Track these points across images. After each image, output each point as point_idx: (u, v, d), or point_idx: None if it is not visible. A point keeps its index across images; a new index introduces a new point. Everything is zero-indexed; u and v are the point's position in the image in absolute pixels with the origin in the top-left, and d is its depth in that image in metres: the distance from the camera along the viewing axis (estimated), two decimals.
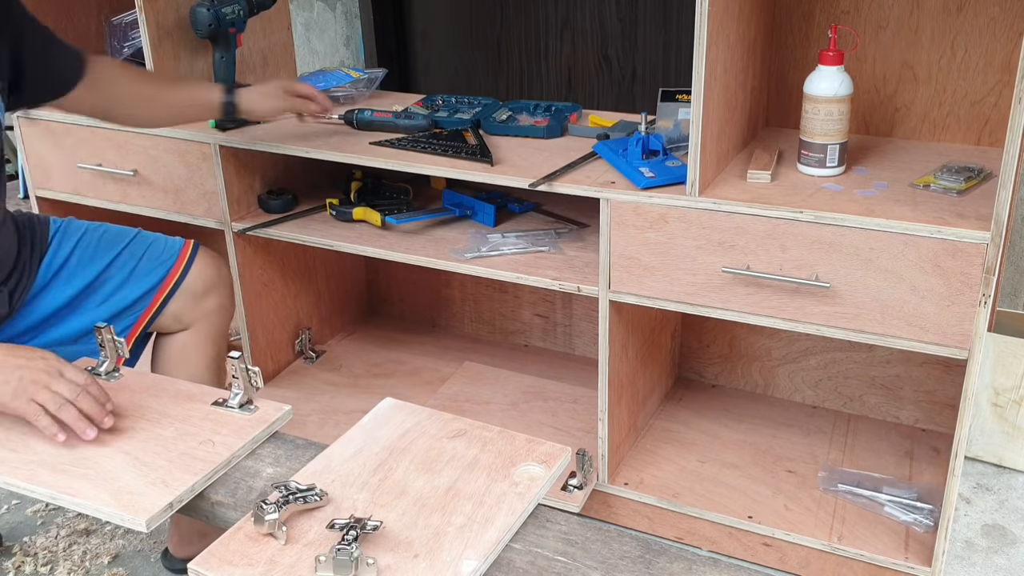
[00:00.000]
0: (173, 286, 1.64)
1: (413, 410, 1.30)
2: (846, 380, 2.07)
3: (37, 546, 1.91)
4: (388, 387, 2.25)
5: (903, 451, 1.96)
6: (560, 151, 1.82)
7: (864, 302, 1.50)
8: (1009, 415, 1.96)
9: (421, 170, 1.82)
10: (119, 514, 1.11)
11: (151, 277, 1.63)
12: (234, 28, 1.99)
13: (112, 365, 1.39)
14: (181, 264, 1.66)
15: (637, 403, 1.97)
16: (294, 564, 1.01)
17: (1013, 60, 1.69)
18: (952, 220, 1.44)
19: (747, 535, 1.78)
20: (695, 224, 1.58)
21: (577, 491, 1.82)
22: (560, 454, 1.20)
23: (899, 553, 1.67)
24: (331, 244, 1.95)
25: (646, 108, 1.84)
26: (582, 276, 1.74)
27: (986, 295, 1.41)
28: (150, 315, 1.63)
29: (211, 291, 1.69)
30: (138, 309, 1.62)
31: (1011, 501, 1.93)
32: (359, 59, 3.22)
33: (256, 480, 1.19)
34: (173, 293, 1.64)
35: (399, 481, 1.15)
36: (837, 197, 1.55)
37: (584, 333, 2.34)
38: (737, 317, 1.61)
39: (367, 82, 2.22)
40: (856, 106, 1.76)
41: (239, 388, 1.30)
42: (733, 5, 1.56)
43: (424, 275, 2.45)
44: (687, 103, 1.69)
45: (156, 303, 1.63)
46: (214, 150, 1.99)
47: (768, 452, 1.96)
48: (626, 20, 2.81)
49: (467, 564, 1.01)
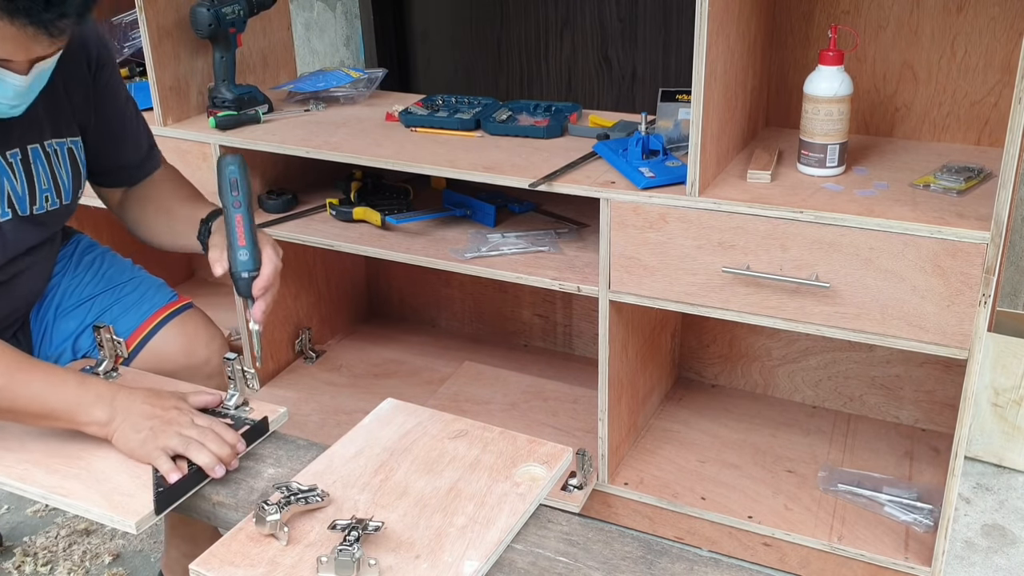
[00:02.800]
0: (142, 339, 1.48)
1: (414, 411, 1.30)
2: (846, 380, 2.07)
3: (37, 546, 1.91)
4: (388, 387, 2.25)
5: (903, 451, 1.96)
6: (560, 151, 1.82)
7: (864, 302, 1.50)
8: (1009, 415, 1.97)
9: (421, 170, 1.82)
10: (109, 515, 1.11)
11: (127, 323, 1.49)
12: (234, 28, 1.99)
13: (111, 365, 1.39)
14: (152, 322, 1.49)
15: (637, 403, 1.97)
16: (296, 565, 1.01)
17: (1013, 60, 1.69)
18: (952, 220, 1.44)
19: (747, 535, 1.78)
20: (695, 224, 1.58)
21: (577, 491, 1.82)
22: (561, 454, 1.20)
23: (899, 553, 1.68)
24: (331, 244, 1.95)
25: (646, 108, 1.84)
26: (582, 276, 1.74)
27: (986, 295, 1.42)
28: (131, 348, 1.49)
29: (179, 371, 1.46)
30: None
31: (1011, 501, 1.93)
32: (359, 59, 3.22)
33: (257, 481, 1.19)
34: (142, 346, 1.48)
35: (400, 482, 1.15)
36: (837, 197, 1.55)
37: (584, 333, 2.34)
38: (737, 317, 1.61)
39: (367, 82, 2.22)
40: (856, 106, 1.76)
41: (235, 389, 1.30)
42: (733, 5, 1.56)
43: (424, 275, 2.45)
44: (687, 103, 1.69)
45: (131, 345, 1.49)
46: (214, 150, 1.99)
47: (768, 452, 1.96)
48: (626, 20, 2.81)
49: (469, 565, 1.01)
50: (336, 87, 2.19)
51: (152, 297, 1.53)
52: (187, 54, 2.08)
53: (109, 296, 1.52)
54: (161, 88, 2.00)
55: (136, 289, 1.54)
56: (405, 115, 2.00)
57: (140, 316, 1.50)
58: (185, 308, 1.53)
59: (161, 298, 1.53)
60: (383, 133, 1.97)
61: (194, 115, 2.10)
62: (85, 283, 1.53)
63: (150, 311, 1.51)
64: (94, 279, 1.54)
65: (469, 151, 1.85)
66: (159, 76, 2.00)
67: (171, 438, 1.19)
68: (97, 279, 1.54)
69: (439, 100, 2.09)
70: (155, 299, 1.53)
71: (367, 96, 2.21)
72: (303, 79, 2.25)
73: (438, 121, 1.97)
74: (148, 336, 1.49)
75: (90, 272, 1.55)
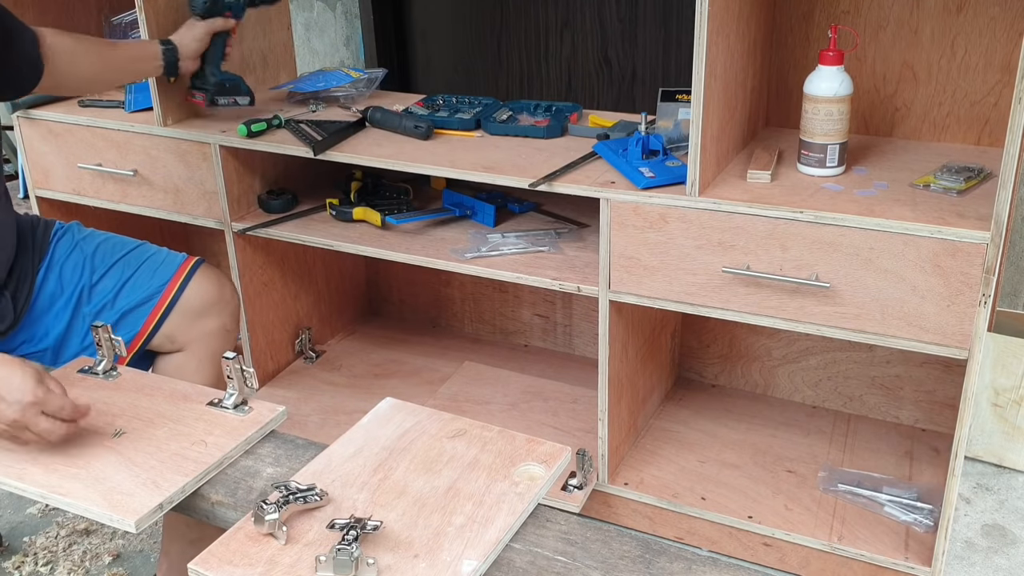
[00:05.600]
0: (170, 302, 1.56)
1: (413, 410, 1.30)
2: (846, 380, 2.07)
3: (37, 546, 1.91)
4: (388, 387, 2.25)
5: (903, 451, 1.96)
6: (560, 151, 1.82)
7: (864, 302, 1.50)
8: (1009, 415, 1.96)
9: (421, 170, 1.82)
10: (108, 514, 1.11)
11: (145, 289, 1.57)
12: (231, 12, 1.93)
13: (109, 364, 1.39)
14: (179, 279, 1.58)
15: (637, 403, 1.97)
16: (294, 564, 1.01)
17: (1013, 60, 1.69)
18: (952, 220, 1.44)
19: (747, 535, 1.78)
20: (695, 224, 1.58)
21: (577, 491, 1.82)
22: (560, 454, 1.20)
23: (899, 553, 1.67)
24: (331, 244, 1.95)
25: (646, 108, 1.84)
26: (582, 276, 1.74)
27: (986, 295, 1.41)
28: (146, 334, 1.57)
29: (210, 311, 1.60)
30: (133, 325, 1.56)
31: (1011, 501, 1.93)
32: (359, 59, 3.22)
33: (256, 480, 1.19)
34: (170, 310, 1.56)
35: (399, 481, 1.15)
36: (837, 197, 1.55)
37: (584, 333, 2.34)
38: (737, 317, 1.61)
39: (367, 82, 2.22)
40: (856, 106, 1.76)
41: (234, 389, 1.30)
42: (733, 5, 1.56)
43: (424, 275, 2.45)
44: (687, 103, 1.69)
45: (152, 320, 1.56)
46: (214, 150, 1.99)
47: (768, 452, 1.96)
48: (626, 20, 2.81)
49: (467, 564, 1.01)
50: (336, 87, 2.19)
51: (169, 254, 1.63)
52: None
53: (134, 257, 1.61)
54: (161, 88, 2.00)
55: (151, 250, 1.63)
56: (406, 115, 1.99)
57: (171, 269, 1.60)
58: (201, 260, 1.65)
59: (177, 256, 1.63)
60: (384, 133, 1.97)
61: (194, 115, 2.10)
62: (104, 252, 1.60)
63: (179, 261, 1.62)
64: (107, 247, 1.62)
65: (469, 151, 1.85)
66: None
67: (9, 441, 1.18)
68: (112, 247, 1.62)
69: (439, 100, 2.09)
70: (173, 256, 1.63)
71: (367, 96, 2.21)
72: (303, 79, 2.25)
73: (438, 121, 1.97)
74: (185, 280, 1.59)
75: (102, 244, 1.62)
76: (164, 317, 1.57)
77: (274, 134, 1.98)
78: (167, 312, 1.57)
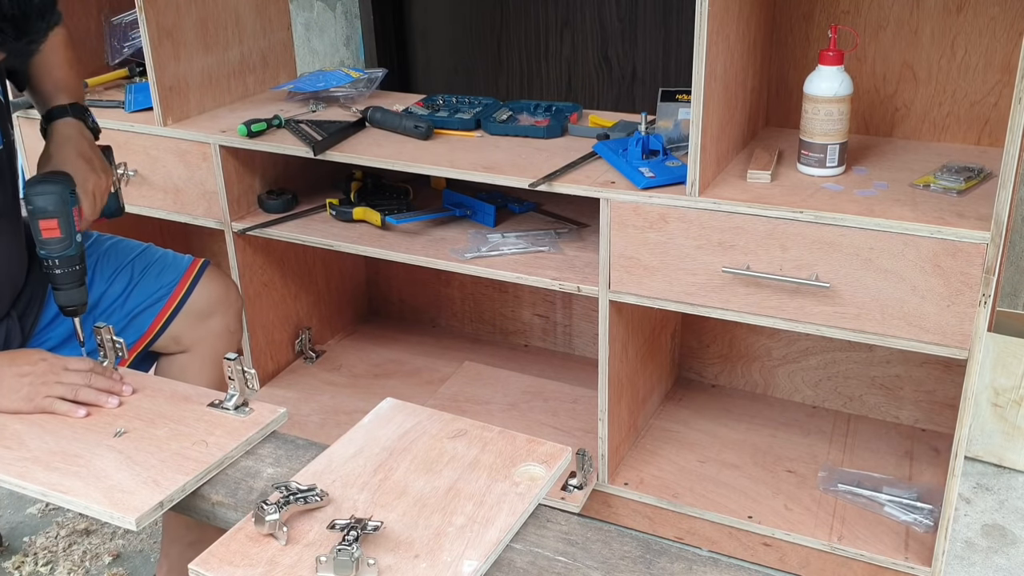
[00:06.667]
0: (178, 304, 1.57)
1: (414, 410, 1.30)
2: (846, 380, 2.07)
3: (37, 546, 1.91)
4: (388, 387, 2.25)
5: (903, 451, 1.96)
6: (560, 151, 1.82)
7: (864, 302, 1.50)
8: (1009, 415, 1.97)
9: (421, 170, 1.82)
10: (109, 512, 1.11)
11: (153, 291, 1.57)
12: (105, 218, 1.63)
13: (111, 365, 1.39)
14: (186, 282, 1.59)
15: (637, 403, 1.97)
16: (295, 564, 1.01)
17: (1013, 60, 1.69)
18: (952, 220, 1.44)
19: (747, 535, 1.78)
20: (695, 224, 1.58)
21: (577, 491, 1.82)
22: (560, 454, 1.20)
23: (899, 553, 1.68)
24: (331, 244, 1.95)
25: (646, 108, 1.84)
26: (582, 276, 1.74)
27: (986, 295, 1.41)
28: (152, 335, 1.57)
29: (216, 312, 1.61)
30: (140, 326, 1.56)
31: (1011, 501, 1.93)
32: (359, 59, 3.22)
33: (257, 480, 1.19)
34: (177, 312, 1.57)
35: (400, 481, 1.15)
36: (837, 197, 1.55)
37: (584, 333, 2.34)
38: (737, 317, 1.61)
39: (367, 82, 2.22)
40: (856, 106, 1.76)
41: (235, 389, 1.30)
42: (733, 5, 1.56)
43: (424, 275, 2.45)
44: (687, 103, 1.69)
45: (159, 321, 1.57)
46: (214, 150, 1.99)
47: (768, 452, 1.96)
48: (626, 20, 2.81)
49: (468, 564, 1.01)
50: (336, 87, 2.19)
51: (176, 256, 1.64)
52: (187, 54, 2.08)
53: (141, 260, 1.61)
54: (161, 88, 2.00)
55: (157, 253, 1.64)
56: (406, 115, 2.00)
57: (179, 271, 1.61)
58: (207, 262, 1.66)
59: (183, 258, 1.64)
60: (383, 133, 1.97)
61: (194, 115, 2.10)
62: (112, 256, 1.60)
63: (186, 263, 1.62)
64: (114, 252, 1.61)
65: (469, 151, 1.85)
66: (159, 76, 2.00)
67: (54, 387, 1.26)
68: (119, 251, 1.62)
69: (439, 100, 2.09)
70: (180, 258, 1.63)
71: (367, 96, 2.21)
72: (303, 79, 2.25)
73: (438, 121, 1.97)
74: (194, 282, 1.60)
75: (109, 248, 1.62)
76: (171, 318, 1.57)
77: (274, 134, 1.98)
78: (174, 313, 1.58)
